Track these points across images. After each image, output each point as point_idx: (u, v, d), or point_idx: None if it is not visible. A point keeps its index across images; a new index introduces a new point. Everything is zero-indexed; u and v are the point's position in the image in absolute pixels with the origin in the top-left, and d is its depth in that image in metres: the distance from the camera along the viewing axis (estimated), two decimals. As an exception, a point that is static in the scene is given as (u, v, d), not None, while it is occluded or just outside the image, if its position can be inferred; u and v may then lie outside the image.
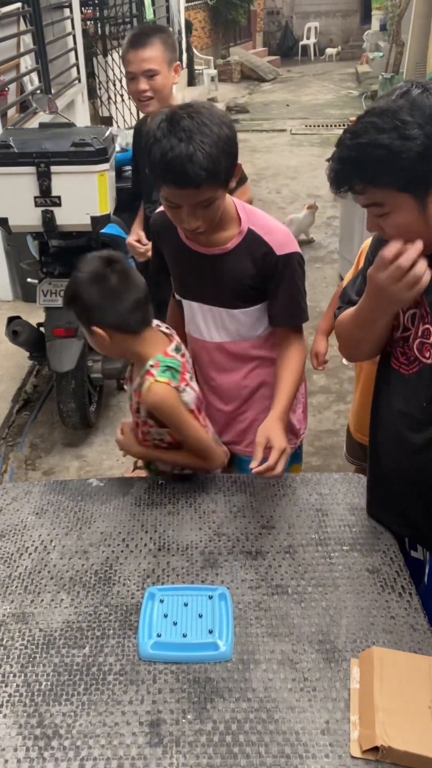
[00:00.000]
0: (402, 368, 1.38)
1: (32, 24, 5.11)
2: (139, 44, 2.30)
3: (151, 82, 2.33)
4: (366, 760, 1.07)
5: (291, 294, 1.68)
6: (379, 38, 13.65)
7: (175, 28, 10.68)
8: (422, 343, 1.30)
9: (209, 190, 1.43)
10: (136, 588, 1.40)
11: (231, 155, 1.44)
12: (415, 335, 1.33)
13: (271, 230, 1.64)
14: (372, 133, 1.09)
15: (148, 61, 2.30)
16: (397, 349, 1.38)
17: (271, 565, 1.45)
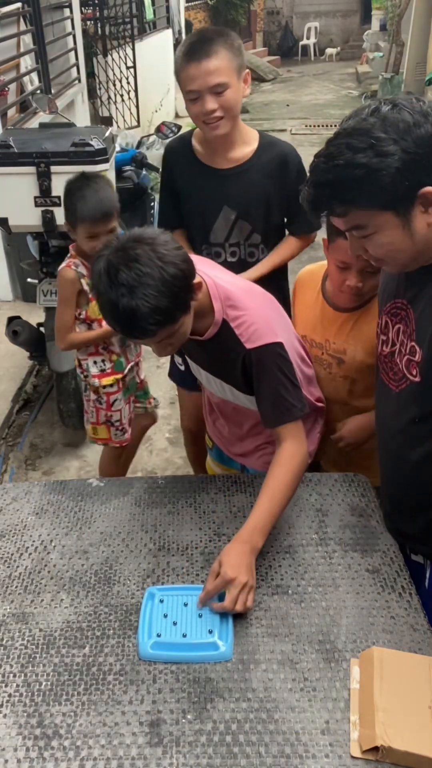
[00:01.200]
0: (391, 384, 1.37)
1: (32, 24, 5.11)
2: (201, 54, 1.83)
3: (220, 99, 1.87)
4: (366, 760, 1.07)
5: (274, 389, 1.48)
6: (379, 38, 13.65)
7: (175, 28, 10.69)
8: (409, 360, 1.29)
9: (164, 332, 1.32)
10: (136, 588, 1.40)
11: (181, 291, 1.29)
12: (401, 351, 1.32)
13: (242, 321, 1.47)
14: (347, 153, 1.07)
15: (215, 74, 1.84)
16: (387, 365, 1.39)
17: (271, 565, 1.45)
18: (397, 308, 1.34)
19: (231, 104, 1.89)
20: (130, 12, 7.96)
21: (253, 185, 2.01)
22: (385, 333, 1.38)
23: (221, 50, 1.85)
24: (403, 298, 1.31)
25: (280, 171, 2.02)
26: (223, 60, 1.85)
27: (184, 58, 1.87)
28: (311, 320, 1.82)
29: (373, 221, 1.12)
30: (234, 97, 1.89)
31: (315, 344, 1.81)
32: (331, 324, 1.77)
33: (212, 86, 1.84)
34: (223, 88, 1.86)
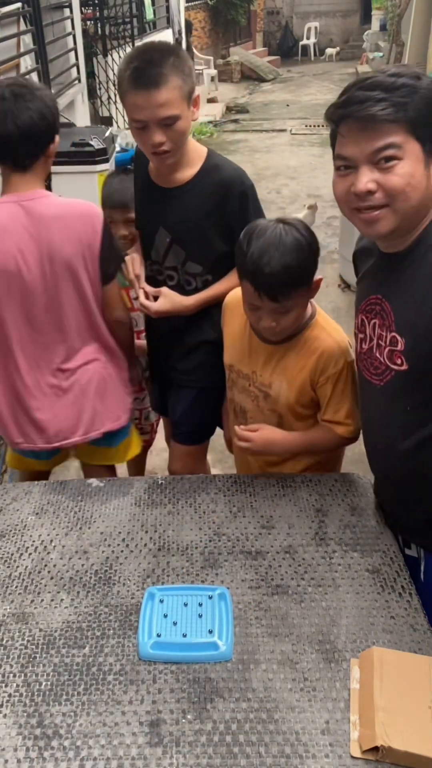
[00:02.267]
0: (374, 379, 1.39)
1: (32, 24, 5.11)
2: (150, 82, 1.61)
3: (169, 132, 1.68)
4: (366, 760, 1.07)
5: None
6: (379, 38, 13.65)
7: (175, 28, 10.69)
8: (392, 351, 1.31)
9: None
10: (136, 588, 1.40)
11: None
12: (380, 345, 1.35)
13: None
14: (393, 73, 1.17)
15: (165, 107, 1.63)
16: (367, 361, 1.41)
17: (271, 565, 1.45)
18: (372, 304, 1.38)
19: (180, 136, 1.71)
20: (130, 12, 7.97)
21: (188, 210, 1.84)
22: (362, 331, 1.42)
23: (172, 78, 1.62)
24: (377, 294, 1.36)
25: (221, 198, 1.81)
26: (174, 90, 1.63)
27: (129, 83, 1.64)
28: (238, 350, 1.73)
29: (406, 143, 1.17)
30: (184, 126, 1.71)
31: (242, 375, 1.74)
32: (258, 355, 1.68)
33: (162, 119, 1.65)
34: (172, 120, 1.66)
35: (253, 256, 1.44)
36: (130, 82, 1.63)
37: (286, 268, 1.42)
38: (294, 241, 1.44)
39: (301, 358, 1.61)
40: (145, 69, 1.60)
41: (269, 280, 1.44)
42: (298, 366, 1.62)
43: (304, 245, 1.45)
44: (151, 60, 1.61)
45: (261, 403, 1.72)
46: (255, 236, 1.46)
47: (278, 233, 1.44)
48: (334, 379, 1.60)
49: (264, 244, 1.44)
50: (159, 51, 1.64)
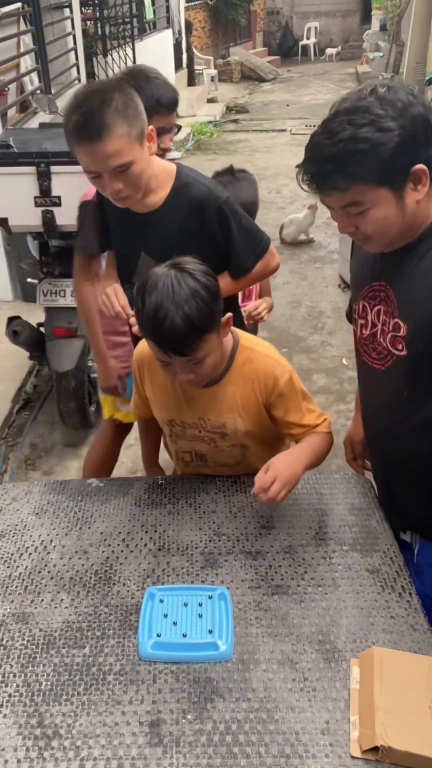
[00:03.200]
0: (375, 363, 1.41)
1: (32, 24, 5.11)
2: (92, 135, 1.52)
3: (125, 177, 1.60)
4: (366, 760, 1.07)
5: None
6: (379, 38, 13.66)
7: (175, 28, 10.69)
8: (394, 336, 1.33)
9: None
10: (136, 588, 1.40)
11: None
12: (383, 330, 1.36)
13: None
14: (350, 129, 1.12)
15: (114, 157, 1.55)
16: (369, 346, 1.43)
17: (271, 565, 1.45)
18: (375, 291, 1.38)
19: (137, 178, 1.63)
20: (130, 12, 7.97)
21: (168, 234, 1.77)
22: (363, 317, 1.43)
23: (115, 126, 1.52)
24: (381, 281, 1.36)
25: (197, 217, 1.76)
26: (120, 137, 1.53)
27: (73, 137, 1.57)
28: (174, 404, 1.62)
29: (371, 197, 1.17)
30: (140, 169, 1.62)
31: (188, 425, 1.64)
32: (198, 402, 1.58)
33: (113, 169, 1.57)
34: (125, 167, 1.58)
35: (150, 313, 1.32)
36: (74, 137, 1.57)
37: (185, 321, 1.30)
38: (189, 290, 1.32)
39: (243, 388, 1.54)
40: (84, 122, 1.52)
41: (171, 337, 1.32)
42: (245, 396, 1.55)
43: (200, 290, 1.33)
44: (90, 111, 1.52)
45: (219, 443, 1.64)
46: (148, 291, 1.34)
47: (170, 284, 1.32)
48: (285, 392, 1.53)
49: (158, 299, 1.31)
50: (98, 98, 1.53)
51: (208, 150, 9.10)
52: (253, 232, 1.84)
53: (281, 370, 1.53)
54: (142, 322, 1.38)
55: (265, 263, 1.88)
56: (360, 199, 1.18)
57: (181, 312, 1.30)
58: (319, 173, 1.18)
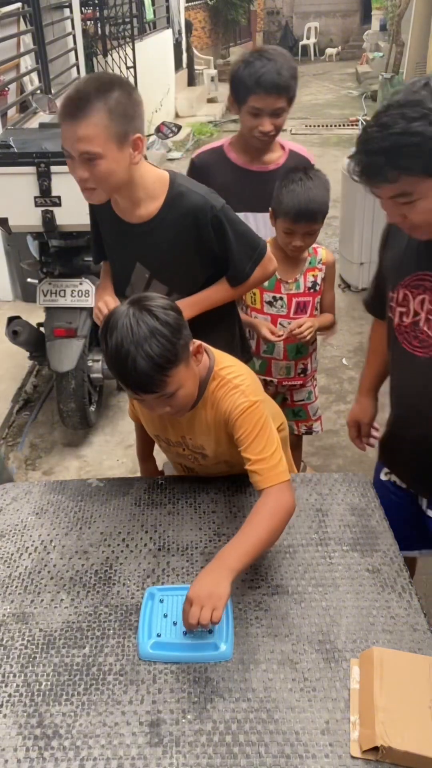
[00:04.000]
0: (417, 351, 1.45)
1: (32, 24, 5.11)
2: (73, 114, 1.52)
3: (91, 169, 1.56)
4: (366, 760, 1.07)
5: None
6: (379, 38, 13.65)
7: (175, 28, 10.69)
8: None
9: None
10: (136, 588, 1.40)
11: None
12: (428, 319, 1.40)
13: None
14: (402, 122, 1.14)
15: (83, 142, 1.52)
16: (410, 334, 1.46)
17: (271, 565, 1.45)
18: (420, 280, 1.41)
19: (104, 176, 1.57)
20: (130, 12, 7.97)
21: (163, 245, 1.77)
22: (403, 305, 1.45)
23: (96, 112, 1.50)
24: (427, 270, 1.39)
25: (193, 228, 1.74)
26: (96, 126, 1.51)
27: (60, 108, 1.57)
28: (158, 422, 1.63)
29: (420, 188, 1.20)
30: (109, 168, 1.56)
31: (173, 443, 1.65)
32: (179, 423, 1.58)
33: (80, 153, 1.54)
34: (91, 156, 1.54)
35: (112, 354, 1.31)
36: (60, 110, 1.57)
37: (147, 360, 1.28)
38: (147, 328, 1.29)
39: (214, 414, 1.52)
40: (72, 99, 1.52)
41: (135, 377, 1.30)
42: (216, 421, 1.52)
43: (160, 327, 1.29)
44: (82, 92, 1.52)
45: (201, 462, 1.66)
46: (109, 332, 1.32)
47: (128, 324, 1.29)
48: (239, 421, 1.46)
49: (119, 340, 1.29)
50: (96, 85, 1.53)
51: (208, 150, 9.09)
52: (249, 239, 1.83)
53: (242, 399, 1.46)
54: (108, 362, 1.35)
55: (263, 269, 1.87)
56: (409, 190, 1.21)
57: (142, 352, 1.27)
58: (370, 165, 1.21)
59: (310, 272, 2.17)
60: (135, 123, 1.58)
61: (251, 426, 1.44)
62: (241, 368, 1.56)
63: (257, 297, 2.22)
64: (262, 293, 2.21)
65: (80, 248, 3.03)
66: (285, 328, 2.18)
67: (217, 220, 1.74)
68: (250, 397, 1.47)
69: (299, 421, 2.43)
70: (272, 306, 2.21)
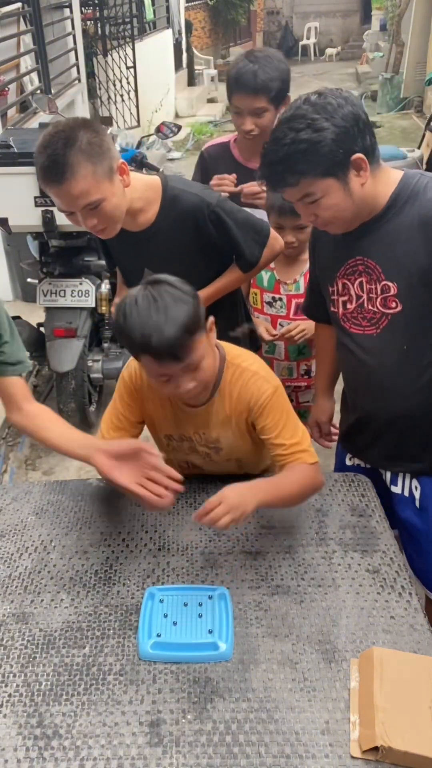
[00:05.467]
0: (367, 330, 1.55)
1: (32, 24, 5.11)
2: (58, 178, 1.52)
3: (97, 213, 1.60)
4: (366, 760, 1.07)
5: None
6: (379, 38, 13.65)
7: (175, 28, 10.69)
8: (385, 298, 1.49)
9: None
10: (136, 588, 1.40)
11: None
12: (371, 298, 1.51)
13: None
14: (291, 134, 1.31)
15: (82, 197, 1.54)
16: (358, 317, 1.56)
17: (271, 565, 1.45)
18: (352, 266, 1.53)
19: (110, 213, 1.61)
20: (130, 12, 7.97)
21: (167, 248, 1.78)
22: (344, 294, 1.57)
23: (79, 166, 1.51)
24: (357, 256, 1.51)
25: (193, 228, 1.77)
26: (85, 179, 1.52)
27: (41, 179, 1.58)
28: (171, 419, 1.61)
29: (320, 187, 1.36)
30: (112, 205, 1.60)
31: (185, 438, 1.63)
32: (195, 417, 1.58)
33: (83, 207, 1.57)
34: (95, 204, 1.57)
35: (137, 329, 1.33)
36: (41, 179, 1.58)
37: (175, 325, 1.32)
38: (170, 297, 1.35)
39: (233, 404, 1.53)
40: (49, 166, 1.52)
41: (164, 345, 1.32)
42: (235, 412, 1.54)
43: (181, 295, 1.36)
44: (54, 155, 1.51)
45: (213, 458, 1.65)
46: (128, 310, 1.35)
47: (150, 296, 1.34)
48: (266, 407, 1.50)
49: (143, 313, 1.33)
50: (62, 140, 1.51)
51: (208, 150, 9.08)
52: (251, 224, 1.86)
53: (266, 385, 1.50)
54: (131, 343, 1.37)
55: (270, 249, 1.91)
56: (310, 191, 1.36)
57: (170, 319, 1.32)
58: (271, 174, 1.38)
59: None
60: (111, 152, 1.58)
61: (279, 412, 1.51)
62: (252, 356, 1.61)
63: (258, 297, 2.23)
64: (262, 294, 2.22)
65: (80, 248, 3.03)
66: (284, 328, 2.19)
67: (215, 215, 1.76)
68: (272, 382, 1.52)
69: (305, 423, 2.43)
70: (272, 306, 2.22)
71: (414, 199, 1.41)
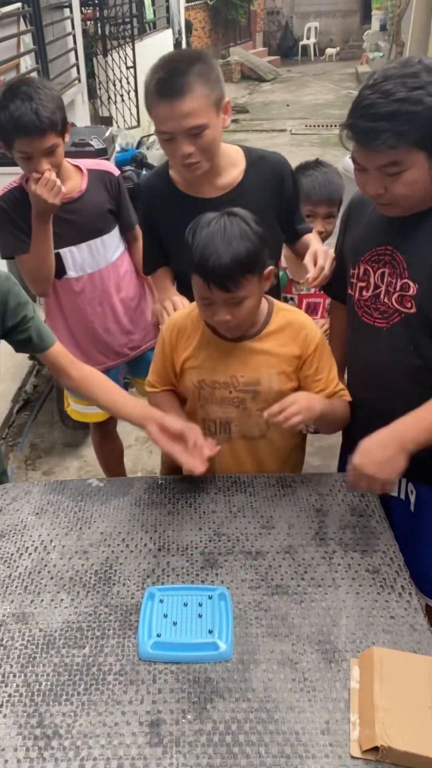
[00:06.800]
0: (378, 323, 1.52)
1: (32, 24, 5.11)
2: (173, 92, 1.56)
3: (198, 142, 1.63)
4: (366, 760, 1.07)
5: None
6: (379, 38, 13.65)
7: (175, 28, 10.69)
8: (402, 296, 1.45)
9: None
10: (136, 588, 1.40)
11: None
12: (389, 291, 1.48)
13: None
14: (404, 90, 1.20)
15: (190, 117, 1.58)
16: (371, 307, 1.53)
17: (271, 565, 1.45)
18: (379, 255, 1.49)
19: (209, 145, 1.66)
20: (130, 12, 7.97)
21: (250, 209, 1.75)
22: (364, 280, 1.53)
23: (196, 86, 1.57)
24: (387, 245, 1.47)
25: (276, 185, 1.85)
26: (199, 98, 1.57)
27: (154, 94, 1.61)
28: (207, 362, 1.66)
29: (410, 158, 1.26)
30: (213, 136, 1.65)
31: (219, 385, 1.66)
32: (231, 358, 1.62)
33: (188, 129, 1.60)
34: (199, 130, 1.61)
35: (198, 248, 1.43)
36: (155, 93, 1.61)
37: (232, 256, 1.41)
38: (239, 230, 1.43)
39: (281, 343, 1.61)
40: (168, 79, 1.57)
41: (217, 270, 1.42)
42: (282, 351, 1.61)
43: (250, 233, 1.44)
44: (175, 69, 1.57)
45: (249, 405, 1.66)
46: (199, 229, 1.46)
47: (222, 224, 1.44)
48: (319, 347, 1.64)
49: (209, 235, 1.43)
50: (184, 60, 1.61)
51: (208, 150, 9.09)
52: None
53: (316, 334, 1.63)
54: (191, 257, 1.46)
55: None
56: (401, 159, 1.26)
57: (230, 248, 1.40)
58: (372, 130, 1.24)
59: None
60: (222, 85, 1.67)
61: (328, 357, 1.65)
62: (299, 311, 1.72)
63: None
64: None
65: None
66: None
67: (293, 175, 1.89)
68: (318, 333, 1.64)
69: None
70: None
71: None
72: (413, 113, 1.20)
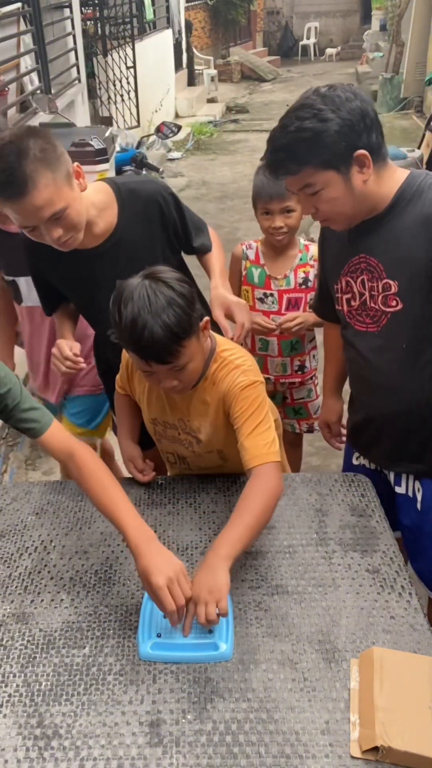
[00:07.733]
0: (370, 328, 1.56)
1: (32, 24, 5.11)
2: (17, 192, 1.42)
3: (63, 222, 1.51)
4: (366, 760, 1.07)
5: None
6: (379, 38, 13.65)
7: (175, 28, 10.69)
8: (386, 296, 1.49)
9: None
10: (136, 588, 1.40)
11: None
12: (372, 295, 1.52)
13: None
14: (296, 122, 1.33)
15: (45, 208, 1.45)
16: (362, 314, 1.57)
17: (271, 565, 1.45)
18: (355, 264, 1.54)
19: (75, 221, 1.53)
20: (130, 12, 7.97)
21: (135, 248, 1.70)
22: (348, 291, 1.58)
23: (37, 176, 1.41)
24: (358, 254, 1.52)
25: (155, 215, 1.72)
26: (46, 186, 1.43)
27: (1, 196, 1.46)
28: (157, 402, 1.63)
29: (320, 178, 1.37)
30: (75, 210, 1.52)
31: (169, 425, 1.64)
32: (180, 402, 1.59)
33: (47, 219, 1.47)
34: (59, 214, 1.48)
35: (128, 325, 1.32)
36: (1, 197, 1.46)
37: (164, 329, 1.30)
38: (164, 298, 1.32)
39: (213, 396, 1.53)
40: (6, 180, 1.42)
41: (151, 346, 1.33)
42: (213, 404, 1.54)
43: (176, 298, 1.33)
44: (9, 168, 1.41)
45: (195, 448, 1.64)
46: (123, 303, 1.34)
47: (146, 295, 1.32)
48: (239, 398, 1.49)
49: (135, 310, 1.31)
50: (13, 152, 1.42)
51: (208, 150, 9.09)
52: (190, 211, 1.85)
53: (243, 376, 1.49)
54: (120, 334, 1.37)
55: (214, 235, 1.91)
56: (310, 181, 1.37)
57: (159, 321, 1.30)
58: (275, 161, 1.39)
59: (300, 268, 2.18)
60: (65, 156, 1.51)
61: (248, 403, 1.48)
62: (242, 351, 1.60)
63: (249, 294, 2.24)
64: (253, 290, 2.23)
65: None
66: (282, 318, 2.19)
67: (173, 197, 1.75)
68: (250, 376, 1.51)
69: (300, 419, 2.43)
70: (263, 303, 2.22)
71: (418, 198, 1.41)
72: (305, 140, 1.32)
